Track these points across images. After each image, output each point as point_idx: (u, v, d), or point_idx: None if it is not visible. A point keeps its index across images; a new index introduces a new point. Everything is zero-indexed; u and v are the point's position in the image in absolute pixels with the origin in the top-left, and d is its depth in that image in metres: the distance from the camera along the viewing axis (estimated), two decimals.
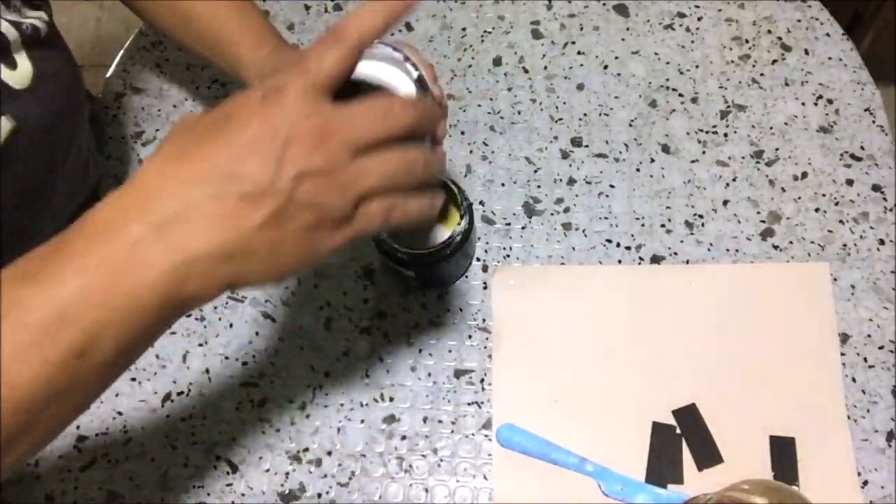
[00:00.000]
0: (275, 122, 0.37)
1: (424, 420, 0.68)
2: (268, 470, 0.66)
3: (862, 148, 0.76)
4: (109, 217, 0.37)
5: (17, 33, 0.57)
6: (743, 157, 0.77)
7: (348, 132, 0.38)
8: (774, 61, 0.81)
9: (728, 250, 0.73)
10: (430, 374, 0.69)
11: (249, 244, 0.37)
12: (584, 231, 0.74)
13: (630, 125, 0.79)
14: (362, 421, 0.68)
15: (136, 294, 0.36)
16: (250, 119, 0.37)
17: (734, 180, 0.76)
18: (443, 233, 0.67)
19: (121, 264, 0.36)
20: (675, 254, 0.73)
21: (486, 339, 0.70)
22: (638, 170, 0.77)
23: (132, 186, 0.37)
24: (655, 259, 0.73)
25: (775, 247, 0.73)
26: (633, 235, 0.74)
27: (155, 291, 0.36)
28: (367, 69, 0.43)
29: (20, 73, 0.58)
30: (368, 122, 0.38)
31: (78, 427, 0.68)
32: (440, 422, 0.68)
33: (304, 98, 0.37)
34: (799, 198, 0.75)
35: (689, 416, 0.66)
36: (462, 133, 0.79)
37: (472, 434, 0.67)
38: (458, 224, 0.66)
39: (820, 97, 0.79)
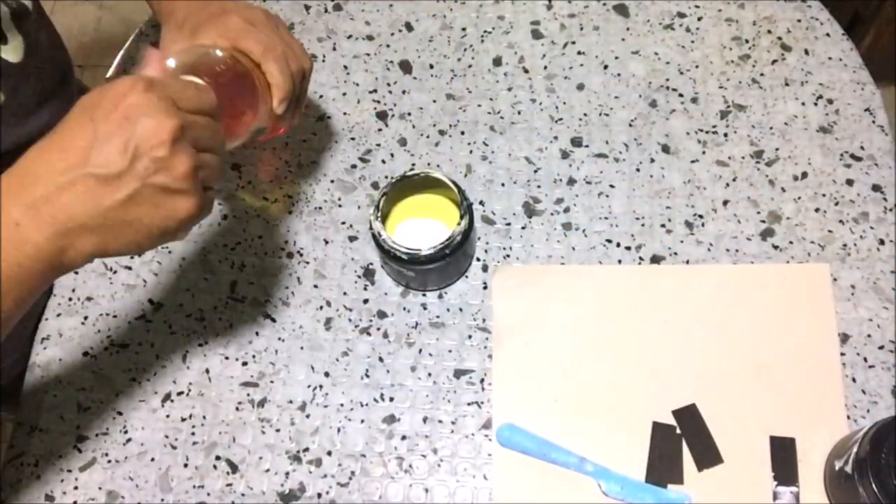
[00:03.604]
0: (132, 114, 0.44)
1: (424, 420, 0.68)
2: (268, 470, 0.66)
3: (862, 148, 0.76)
4: None
5: (7, 9, 0.59)
6: (743, 157, 0.77)
7: (192, 132, 0.46)
8: (774, 61, 0.81)
9: (728, 250, 0.73)
10: (430, 374, 0.69)
11: (108, 220, 0.45)
12: (584, 231, 0.74)
13: (630, 125, 0.79)
14: (362, 421, 0.68)
15: (22, 264, 0.44)
16: (112, 112, 0.44)
17: (734, 180, 0.76)
18: (443, 233, 0.67)
19: (8, 242, 0.44)
20: (675, 254, 0.73)
21: (486, 339, 0.70)
22: (638, 170, 0.77)
23: (13, 172, 0.45)
24: (655, 259, 0.73)
25: (775, 247, 0.73)
26: (633, 235, 0.74)
27: (37, 260, 0.45)
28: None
29: (12, 46, 0.60)
30: (208, 127, 0.48)
31: (78, 427, 0.68)
32: (440, 422, 0.68)
33: (156, 97, 0.45)
34: (799, 198, 0.75)
35: (689, 416, 0.66)
36: (462, 133, 0.79)
37: (472, 434, 0.67)
38: (458, 224, 0.66)
39: (820, 97, 0.79)
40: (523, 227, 0.75)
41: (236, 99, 0.57)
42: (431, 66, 0.83)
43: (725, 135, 0.78)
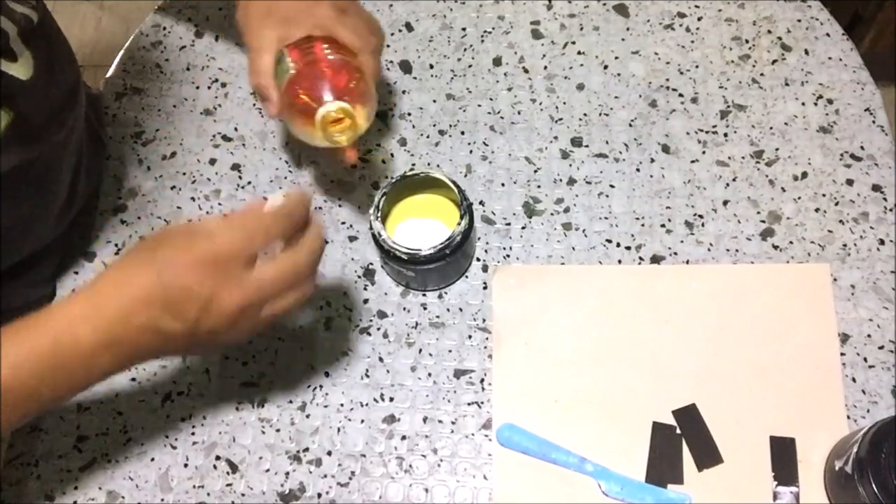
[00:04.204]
0: (201, 286, 0.48)
1: (424, 420, 0.68)
2: (268, 470, 0.66)
3: (862, 148, 0.76)
4: (70, 326, 0.48)
5: (15, 26, 0.58)
6: (743, 157, 0.77)
7: (265, 307, 0.51)
8: (774, 61, 0.81)
9: (728, 250, 0.73)
10: (430, 374, 0.69)
11: (168, 353, 0.54)
12: (584, 231, 0.74)
13: (630, 125, 0.79)
14: (362, 421, 0.68)
15: (90, 382, 0.51)
16: (184, 278, 0.48)
17: (734, 180, 0.76)
18: (443, 233, 0.67)
19: (81, 368, 0.49)
20: (675, 254, 0.73)
21: (486, 339, 0.70)
22: (638, 170, 0.77)
23: (89, 300, 0.49)
24: (655, 259, 0.73)
25: (775, 247, 0.73)
26: (633, 235, 0.74)
27: (102, 378, 0.51)
28: None
29: (21, 63, 0.59)
30: (278, 288, 0.51)
31: (78, 427, 0.68)
32: (440, 422, 0.68)
33: (229, 269, 0.48)
34: (799, 198, 0.75)
35: (689, 416, 0.66)
36: (462, 133, 0.79)
37: (472, 434, 0.67)
38: (458, 224, 0.66)
39: (820, 97, 0.79)
40: (523, 227, 0.75)
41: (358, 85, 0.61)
42: (431, 66, 0.83)
43: (725, 135, 0.78)
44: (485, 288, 0.72)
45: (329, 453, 0.67)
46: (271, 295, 0.50)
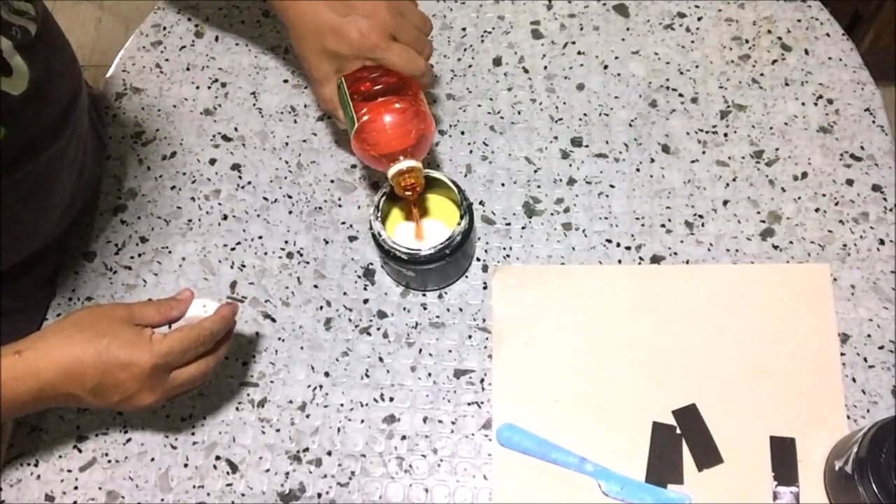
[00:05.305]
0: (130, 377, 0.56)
1: (424, 420, 0.68)
2: (268, 470, 0.66)
3: (862, 148, 0.76)
4: (13, 381, 0.53)
5: (10, 40, 0.57)
6: (743, 157, 0.77)
7: (168, 395, 0.58)
8: (774, 61, 0.81)
9: (728, 250, 0.73)
10: (430, 374, 0.69)
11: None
12: (584, 231, 0.74)
13: (630, 125, 0.79)
14: (362, 421, 0.68)
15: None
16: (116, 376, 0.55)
17: (734, 180, 0.76)
18: (443, 233, 0.67)
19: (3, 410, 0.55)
20: (675, 254, 0.73)
21: (486, 339, 0.70)
22: (638, 170, 0.77)
23: (34, 360, 0.54)
24: (655, 259, 0.73)
25: (775, 247, 0.73)
26: (633, 235, 0.74)
27: (10, 416, 0.56)
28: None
29: (15, 77, 0.58)
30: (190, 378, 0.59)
31: (78, 427, 0.68)
32: (440, 422, 0.68)
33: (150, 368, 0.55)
34: (799, 198, 0.75)
35: (689, 416, 0.66)
36: (462, 133, 0.79)
37: (472, 434, 0.67)
38: (458, 224, 0.66)
39: (820, 97, 0.79)
40: (523, 227, 0.75)
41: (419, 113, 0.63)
42: (431, 67, 0.83)
43: (725, 135, 0.78)
44: (485, 288, 0.72)
45: (329, 453, 0.67)
46: (179, 391, 0.59)
